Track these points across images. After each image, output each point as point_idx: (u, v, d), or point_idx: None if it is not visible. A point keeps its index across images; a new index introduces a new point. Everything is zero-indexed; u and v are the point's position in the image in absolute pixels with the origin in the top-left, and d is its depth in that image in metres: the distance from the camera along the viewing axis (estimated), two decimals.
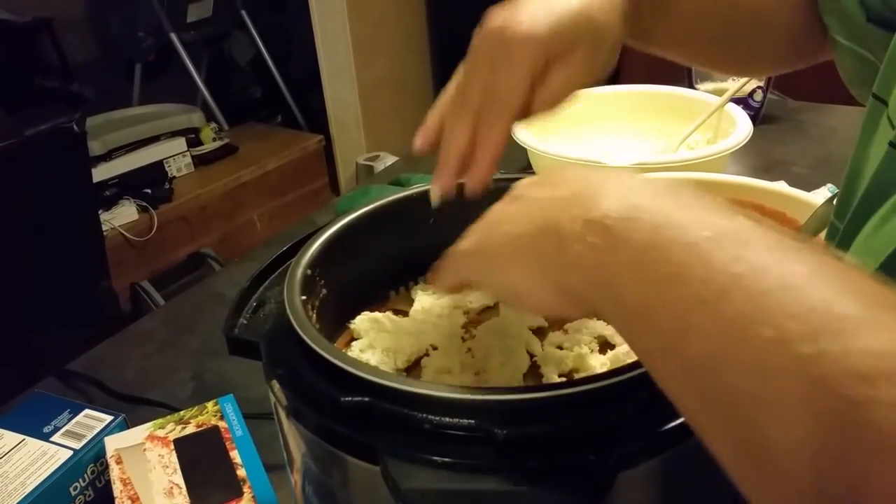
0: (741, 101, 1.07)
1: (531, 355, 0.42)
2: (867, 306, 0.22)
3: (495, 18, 0.42)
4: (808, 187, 0.86)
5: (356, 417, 0.32)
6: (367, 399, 0.32)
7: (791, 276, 0.23)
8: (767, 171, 1.01)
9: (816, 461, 0.21)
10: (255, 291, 0.44)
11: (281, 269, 0.46)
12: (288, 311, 0.37)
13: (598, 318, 0.39)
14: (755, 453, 0.22)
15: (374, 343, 0.44)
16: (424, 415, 0.31)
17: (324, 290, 0.44)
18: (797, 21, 0.53)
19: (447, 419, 0.30)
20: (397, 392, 0.31)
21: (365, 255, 0.48)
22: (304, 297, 0.39)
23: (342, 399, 0.32)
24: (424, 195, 0.50)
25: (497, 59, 0.41)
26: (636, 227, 0.26)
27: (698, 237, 0.25)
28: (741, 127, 0.88)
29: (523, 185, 0.35)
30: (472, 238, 0.35)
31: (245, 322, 0.42)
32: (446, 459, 0.30)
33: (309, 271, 0.42)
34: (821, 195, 0.85)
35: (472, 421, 0.30)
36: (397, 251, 0.50)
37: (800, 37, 0.54)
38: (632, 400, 0.30)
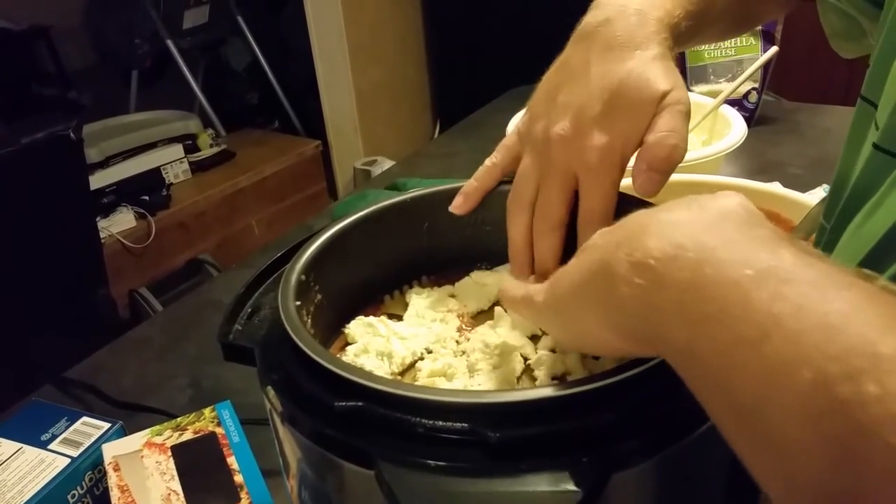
0: (736, 103, 1.08)
1: (525, 359, 0.42)
2: None
3: (562, 121, 0.42)
4: (804, 188, 0.87)
5: (350, 422, 0.32)
6: (360, 404, 0.32)
7: (833, 313, 0.22)
8: (763, 171, 1.01)
9: None
10: (249, 297, 0.44)
11: (276, 274, 0.46)
12: (282, 316, 0.37)
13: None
14: (799, 499, 0.22)
15: (368, 347, 0.44)
16: (418, 419, 0.31)
17: (318, 296, 0.44)
18: None
19: (440, 423, 0.30)
20: (390, 396, 0.31)
21: (359, 259, 0.48)
22: (298, 303, 0.39)
23: (336, 404, 0.32)
24: (417, 200, 0.50)
25: (580, 179, 0.41)
26: (678, 266, 0.26)
27: (740, 275, 0.25)
28: (736, 128, 0.88)
29: (597, 236, 0.34)
30: (546, 292, 0.35)
31: (240, 328, 0.42)
32: (440, 463, 0.30)
33: (303, 277, 0.42)
34: (816, 196, 0.86)
35: (465, 424, 0.30)
36: (392, 255, 0.50)
37: None
38: (624, 402, 0.31)
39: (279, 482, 0.46)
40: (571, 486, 0.28)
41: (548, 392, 0.30)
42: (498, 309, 0.46)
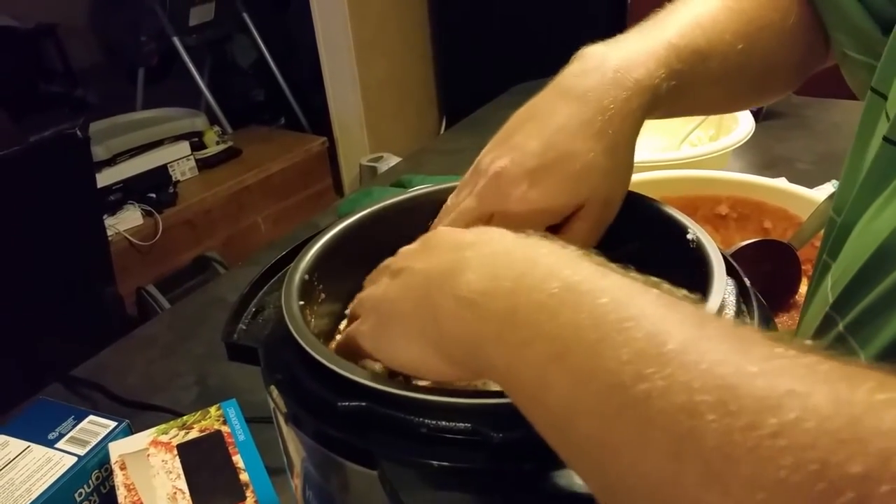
0: None
1: None
2: (694, 331, 0.23)
3: (502, 163, 0.43)
4: (812, 183, 0.86)
5: (353, 422, 0.32)
6: (363, 404, 0.32)
7: (629, 318, 0.24)
8: (771, 167, 1.00)
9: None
10: (254, 297, 0.44)
11: (280, 274, 0.46)
12: (286, 316, 0.37)
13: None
14: (614, 498, 0.24)
15: None
16: (420, 419, 0.31)
17: (322, 295, 0.44)
18: (801, 45, 0.52)
19: (443, 423, 0.30)
20: (394, 397, 0.31)
21: (363, 258, 0.47)
22: (301, 303, 0.39)
23: (339, 404, 0.32)
24: (421, 198, 0.50)
25: (491, 213, 0.43)
26: (494, 295, 0.28)
27: (546, 294, 0.26)
28: (743, 124, 0.88)
29: (405, 255, 0.37)
30: (368, 321, 0.36)
31: (244, 328, 0.42)
32: (443, 463, 0.30)
33: (307, 276, 0.42)
34: (824, 191, 0.85)
35: (468, 424, 0.30)
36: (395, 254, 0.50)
37: (804, 59, 0.54)
38: None
39: (285, 480, 0.46)
40: (574, 487, 0.28)
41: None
42: None
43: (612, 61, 0.43)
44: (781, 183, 0.76)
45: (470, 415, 0.30)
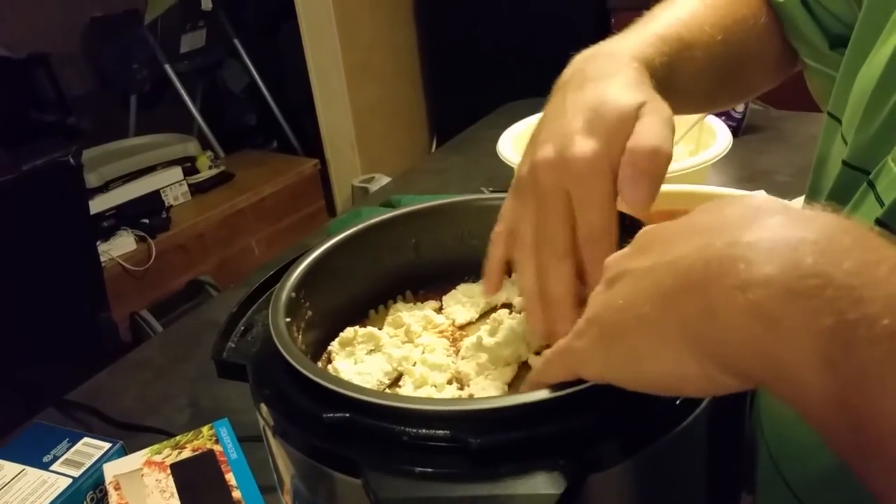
0: (723, 113, 1.09)
1: (520, 364, 0.43)
2: None
3: (544, 149, 0.40)
4: (791, 195, 0.88)
5: (338, 433, 0.33)
6: (347, 415, 0.33)
7: None
8: (750, 180, 1.02)
9: None
10: (243, 315, 0.45)
11: (269, 293, 0.47)
12: (272, 333, 0.39)
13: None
14: None
15: (357, 359, 0.45)
16: (402, 427, 0.32)
17: (309, 312, 0.45)
18: (775, 42, 0.55)
19: (423, 430, 0.32)
20: (376, 407, 0.33)
21: (349, 276, 0.49)
22: (288, 320, 0.40)
23: (325, 416, 0.33)
24: (406, 216, 0.52)
25: (572, 195, 0.39)
26: (816, 306, 0.23)
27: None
28: (721, 138, 0.90)
29: (619, 260, 0.32)
30: (584, 337, 0.31)
31: (233, 345, 0.43)
32: (424, 469, 0.31)
33: (293, 294, 0.43)
34: (801, 203, 0.87)
35: (447, 431, 0.31)
36: (380, 271, 0.51)
37: (779, 58, 0.57)
38: (601, 404, 0.32)
39: (276, 499, 0.47)
40: (549, 489, 0.29)
41: (526, 398, 0.32)
42: (493, 316, 0.47)
43: (603, 51, 0.45)
44: (759, 194, 0.78)
45: (449, 421, 0.32)
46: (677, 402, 0.32)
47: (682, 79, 0.48)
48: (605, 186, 0.39)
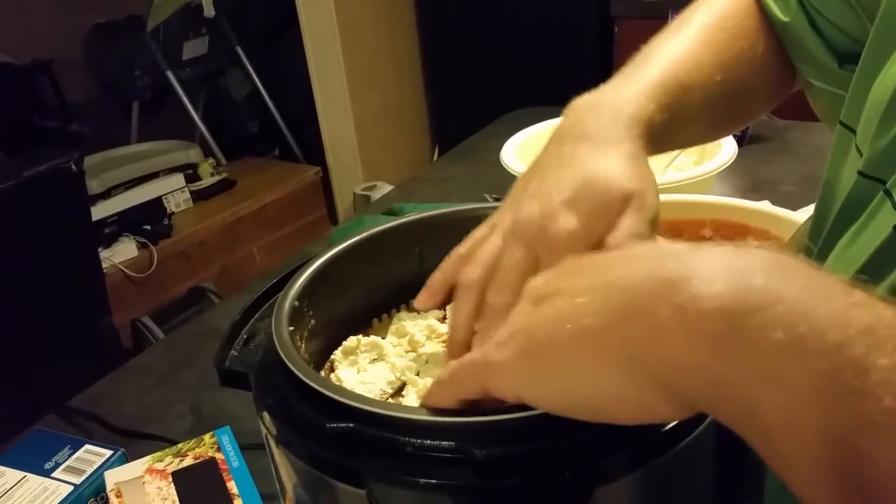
0: None
1: None
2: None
3: (529, 207, 0.40)
4: (795, 205, 0.88)
5: (342, 443, 0.33)
6: (351, 425, 0.33)
7: None
8: (755, 190, 1.02)
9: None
10: (245, 324, 0.45)
11: (271, 301, 0.47)
12: (275, 342, 0.38)
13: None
14: None
15: (360, 368, 0.45)
16: (407, 438, 0.32)
17: (312, 321, 0.45)
18: (773, 72, 0.55)
19: (428, 442, 0.31)
20: (380, 417, 0.32)
21: (352, 285, 0.49)
22: (291, 328, 0.40)
23: (328, 426, 0.33)
24: (410, 225, 0.51)
25: (542, 261, 0.39)
26: (766, 321, 0.22)
27: (844, 338, 0.22)
28: (726, 148, 0.90)
29: (545, 281, 0.31)
30: (504, 350, 0.30)
31: (236, 354, 0.43)
32: (429, 481, 0.31)
33: (297, 303, 0.43)
34: (807, 213, 0.87)
35: (453, 443, 0.31)
36: (383, 280, 0.51)
37: (777, 85, 0.56)
38: None
39: None
40: (557, 501, 0.29)
41: (532, 411, 0.31)
42: None
43: (604, 103, 0.43)
44: (764, 205, 0.78)
45: (454, 433, 0.31)
46: None
47: (680, 124, 0.47)
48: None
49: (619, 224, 0.38)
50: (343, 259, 0.48)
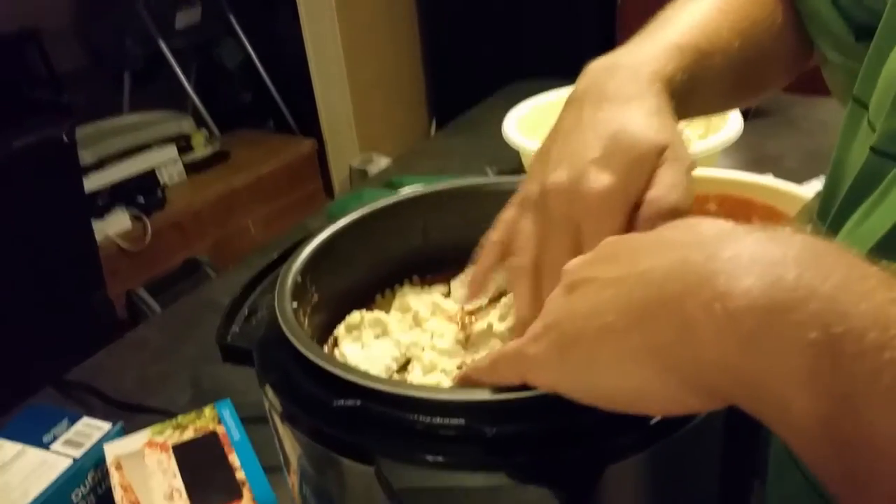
0: None
1: None
2: None
3: (557, 173, 0.38)
4: (799, 180, 0.87)
5: (349, 420, 0.33)
6: (358, 402, 0.32)
7: None
8: (759, 165, 1.01)
9: None
10: (246, 299, 0.45)
11: (272, 276, 0.46)
12: (279, 318, 0.38)
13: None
14: None
15: (364, 344, 0.45)
16: (415, 416, 0.31)
17: (315, 296, 0.45)
18: (791, 42, 0.54)
19: (438, 419, 0.31)
20: (388, 395, 0.32)
21: (354, 260, 0.48)
22: (295, 305, 0.40)
23: (335, 403, 0.33)
24: (413, 200, 0.51)
25: (582, 227, 0.37)
26: (799, 319, 0.22)
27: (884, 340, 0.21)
28: (732, 122, 0.89)
29: (581, 267, 0.30)
30: (539, 343, 0.30)
31: (237, 330, 0.42)
32: (438, 458, 0.30)
33: (299, 278, 0.42)
34: (812, 187, 0.86)
35: (462, 420, 0.31)
36: (387, 255, 0.50)
37: (794, 57, 0.55)
38: None
39: (280, 478, 0.47)
40: (566, 480, 0.28)
41: (542, 389, 0.31)
42: (503, 301, 0.46)
43: (622, 64, 0.42)
44: (769, 180, 0.77)
45: (463, 411, 0.31)
46: None
47: (699, 90, 0.46)
48: (617, 222, 0.37)
49: (658, 178, 0.36)
50: (346, 234, 0.47)
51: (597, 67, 0.43)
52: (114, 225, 2.01)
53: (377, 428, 0.32)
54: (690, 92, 0.44)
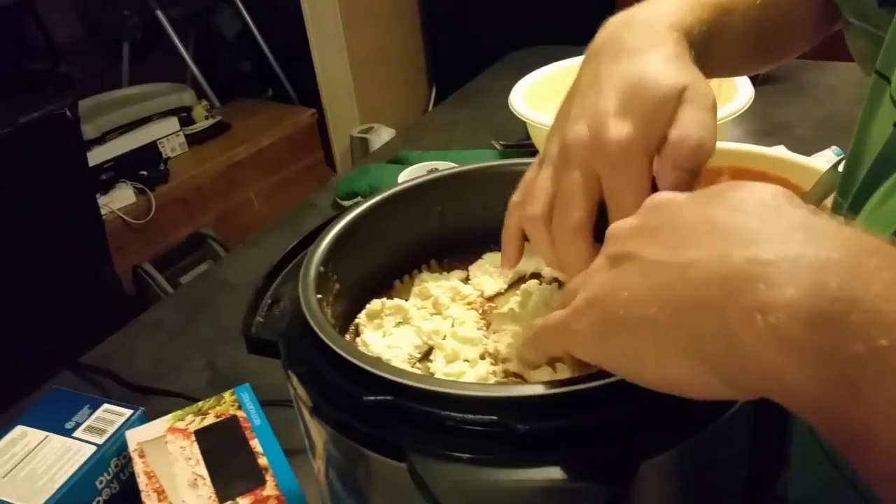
0: None
1: None
2: None
3: (576, 127, 0.38)
4: (811, 150, 0.87)
5: (379, 416, 0.33)
6: (389, 398, 0.32)
7: None
8: (769, 134, 1.00)
9: None
10: (268, 289, 0.44)
11: (292, 264, 0.46)
12: (305, 311, 0.38)
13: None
14: None
15: (386, 332, 0.45)
16: (447, 412, 0.31)
17: (336, 285, 0.44)
18: (815, 9, 0.53)
19: (469, 415, 0.31)
20: (419, 391, 0.32)
21: (374, 246, 0.48)
22: (319, 296, 0.39)
23: (364, 398, 0.33)
24: (431, 183, 0.50)
25: (603, 179, 0.37)
26: (842, 332, 0.21)
27: None
28: (742, 91, 0.88)
29: (625, 236, 0.30)
30: (584, 318, 0.30)
31: (261, 320, 0.42)
32: (470, 455, 0.30)
33: (322, 268, 0.42)
34: (824, 158, 0.86)
35: (494, 416, 0.31)
36: (405, 240, 0.50)
37: (818, 21, 0.55)
38: (650, 390, 0.31)
39: (300, 462, 0.47)
40: (605, 477, 0.28)
41: (574, 385, 0.31)
42: (523, 287, 0.46)
43: (639, 18, 0.42)
44: (782, 152, 0.77)
45: (495, 407, 0.31)
46: None
47: (719, 46, 0.45)
48: (640, 171, 0.37)
49: (679, 117, 0.36)
50: (365, 220, 0.47)
51: (614, 22, 0.43)
52: (118, 199, 2.01)
53: (408, 424, 0.32)
54: (709, 47, 0.44)
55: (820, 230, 0.24)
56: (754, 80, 1.10)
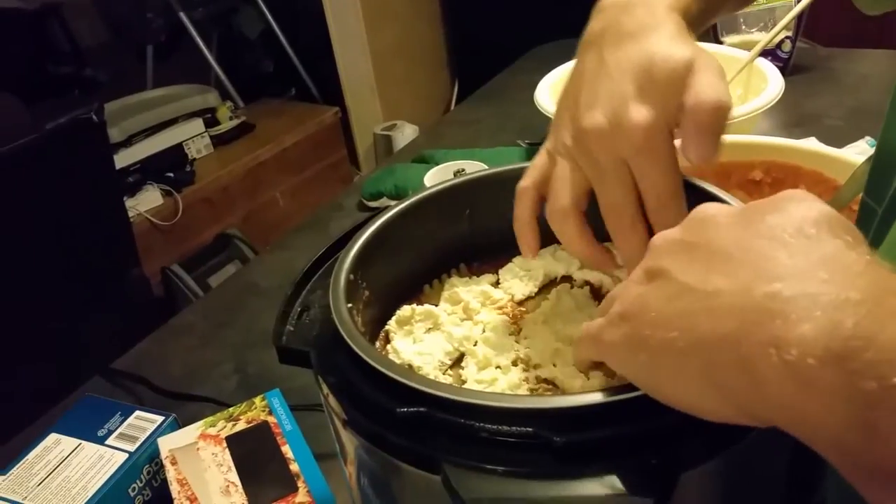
0: (769, 53, 1.05)
1: None
2: None
3: (592, 116, 0.38)
4: (843, 140, 0.84)
5: (413, 427, 0.32)
6: (423, 409, 0.32)
7: None
8: (799, 125, 0.98)
9: None
10: (298, 296, 0.44)
11: (321, 270, 0.46)
12: (336, 322, 0.37)
13: None
14: None
15: (416, 339, 0.44)
16: (481, 423, 0.31)
17: (366, 293, 0.44)
18: None
19: (504, 427, 0.31)
20: (453, 402, 0.32)
21: (402, 251, 0.48)
22: (349, 305, 0.39)
23: (398, 410, 0.32)
24: (459, 186, 0.50)
25: (632, 165, 0.37)
26: (856, 369, 0.21)
27: None
28: (773, 83, 0.86)
29: (664, 250, 0.30)
30: (617, 330, 0.30)
31: (291, 329, 0.42)
32: (505, 467, 0.30)
33: (352, 276, 0.42)
34: (857, 148, 0.83)
35: (529, 428, 0.30)
36: (434, 245, 0.50)
37: None
38: None
39: (330, 466, 0.47)
40: (646, 490, 0.28)
41: (610, 396, 0.30)
42: (554, 291, 0.45)
43: (635, 1, 0.41)
44: (815, 145, 0.75)
45: (531, 418, 0.30)
46: None
47: (714, 8, 0.46)
48: (668, 151, 0.37)
49: (692, 84, 0.36)
50: (392, 226, 0.46)
51: (610, 6, 0.42)
52: (145, 201, 2.03)
53: (442, 435, 0.32)
54: (704, 17, 0.44)
55: (846, 268, 0.24)
56: (784, 70, 1.08)
